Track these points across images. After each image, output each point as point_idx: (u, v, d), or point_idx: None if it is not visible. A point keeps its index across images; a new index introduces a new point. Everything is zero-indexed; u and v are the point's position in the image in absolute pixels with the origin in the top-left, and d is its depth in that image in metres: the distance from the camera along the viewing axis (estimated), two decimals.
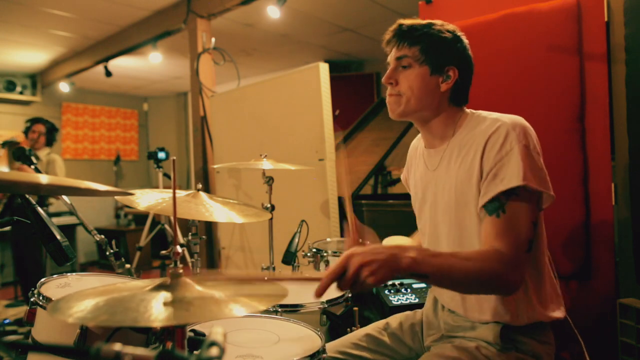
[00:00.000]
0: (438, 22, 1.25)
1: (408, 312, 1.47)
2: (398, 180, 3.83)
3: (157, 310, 0.67)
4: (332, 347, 1.37)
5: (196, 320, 0.73)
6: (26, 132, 3.96)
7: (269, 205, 2.12)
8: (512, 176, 1.06)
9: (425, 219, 1.33)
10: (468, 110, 1.27)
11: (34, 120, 3.98)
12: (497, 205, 1.08)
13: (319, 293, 0.93)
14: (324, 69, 2.81)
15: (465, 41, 1.27)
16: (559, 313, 1.20)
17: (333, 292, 1.66)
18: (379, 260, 0.93)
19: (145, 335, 1.16)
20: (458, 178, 1.19)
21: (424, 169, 1.33)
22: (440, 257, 1.02)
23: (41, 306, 1.22)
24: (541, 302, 1.18)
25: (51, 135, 4.00)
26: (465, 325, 1.26)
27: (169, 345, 0.76)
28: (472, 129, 1.20)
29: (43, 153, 3.97)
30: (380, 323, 1.45)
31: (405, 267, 0.96)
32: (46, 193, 2.48)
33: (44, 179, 0.85)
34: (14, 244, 4.09)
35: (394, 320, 1.45)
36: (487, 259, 1.03)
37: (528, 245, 1.06)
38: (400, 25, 1.24)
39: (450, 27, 1.25)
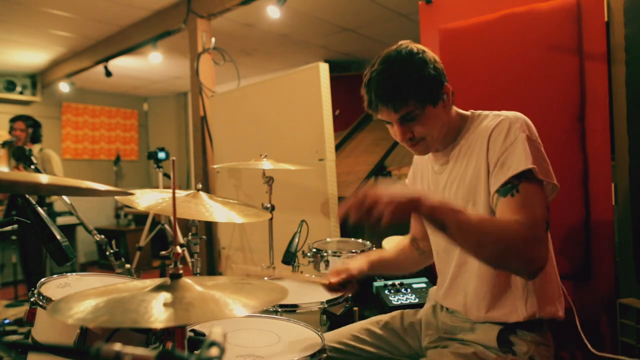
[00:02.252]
0: (403, 51, 1.17)
1: (409, 310, 1.48)
2: (398, 180, 3.83)
3: (157, 311, 0.67)
4: (332, 337, 1.38)
5: (196, 321, 0.73)
6: (10, 132, 3.95)
7: (269, 205, 2.12)
8: (520, 161, 1.08)
9: None
10: (469, 112, 1.28)
11: (14, 119, 3.96)
12: (509, 187, 1.09)
13: (342, 212, 0.98)
14: (324, 69, 2.81)
15: (430, 54, 1.21)
16: (557, 312, 1.20)
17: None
18: (400, 198, 0.94)
19: (146, 335, 1.16)
20: (466, 175, 1.20)
21: (431, 172, 1.35)
22: (463, 212, 1.01)
23: (41, 306, 1.22)
24: (539, 298, 1.17)
25: (34, 131, 3.96)
26: (463, 326, 1.26)
27: (169, 345, 0.76)
28: (476, 127, 1.22)
29: (34, 150, 3.96)
30: (381, 319, 1.45)
31: (426, 210, 0.97)
32: (46, 193, 2.48)
33: (44, 179, 0.85)
34: (20, 244, 4.10)
35: (395, 316, 1.46)
36: (512, 226, 1.03)
37: (545, 224, 1.07)
38: (382, 89, 1.16)
39: (415, 48, 1.18)
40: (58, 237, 1.25)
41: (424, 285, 2.00)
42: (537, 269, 1.05)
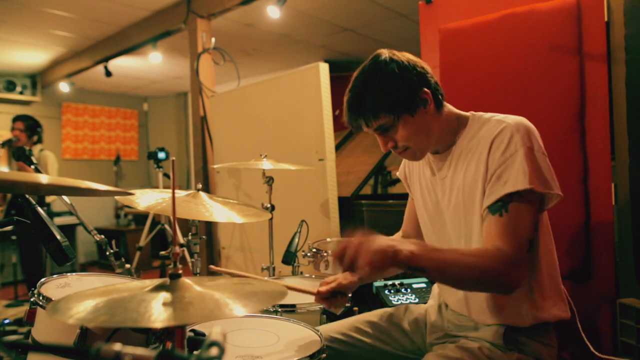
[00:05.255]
0: (371, 64, 1.16)
1: (411, 305, 1.47)
2: (398, 180, 3.81)
3: (157, 310, 0.67)
4: (332, 327, 1.37)
5: (196, 321, 0.73)
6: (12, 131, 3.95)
7: (269, 205, 2.12)
8: (518, 179, 1.06)
9: (433, 222, 1.33)
10: (469, 113, 1.26)
11: (15, 119, 3.96)
12: (500, 204, 1.08)
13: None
14: (324, 69, 2.81)
15: (404, 58, 1.17)
16: (563, 313, 1.20)
17: None
18: (377, 250, 0.97)
19: (145, 335, 1.16)
20: (466, 181, 1.18)
21: (430, 174, 1.33)
22: (440, 252, 1.04)
23: (41, 306, 1.22)
24: (545, 302, 1.18)
25: (33, 131, 3.94)
26: (469, 325, 1.26)
27: (169, 345, 0.76)
28: (477, 131, 1.20)
29: (34, 151, 3.97)
30: (385, 312, 1.44)
31: (403, 260, 0.98)
32: (46, 193, 2.48)
33: (44, 179, 0.85)
34: (19, 243, 4.10)
35: (399, 310, 1.45)
36: (489, 257, 1.04)
37: (528, 245, 1.07)
38: (353, 105, 1.17)
39: (385, 58, 1.16)
40: (58, 237, 1.25)
41: (424, 285, 2.00)
42: (511, 291, 1.08)
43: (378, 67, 1.15)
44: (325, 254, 2.08)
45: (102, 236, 1.62)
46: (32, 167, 1.68)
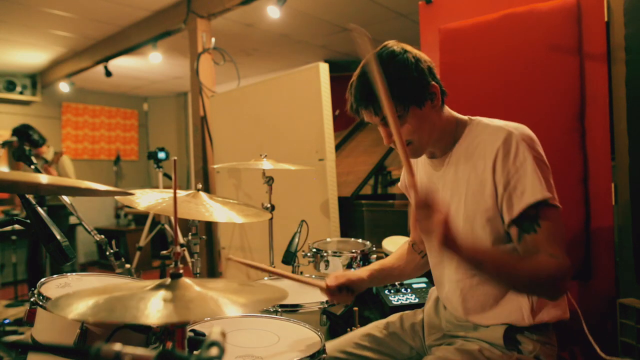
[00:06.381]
0: (384, 53, 1.15)
1: (408, 312, 1.47)
2: (398, 180, 3.82)
3: (156, 308, 0.67)
4: (333, 346, 1.37)
5: (195, 318, 0.73)
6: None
7: (269, 205, 2.12)
8: (535, 189, 1.06)
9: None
10: (467, 117, 1.25)
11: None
12: (529, 222, 1.08)
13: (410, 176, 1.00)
14: (324, 69, 2.81)
15: (414, 51, 1.17)
16: (562, 314, 1.20)
17: None
18: (454, 235, 0.96)
19: (146, 335, 1.16)
20: (469, 189, 1.17)
21: (426, 179, 1.32)
22: (498, 253, 1.09)
23: (41, 306, 1.21)
24: (544, 303, 1.17)
25: (26, 136, 3.88)
26: (467, 325, 1.25)
27: (169, 345, 0.76)
28: (476, 136, 1.18)
29: (49, 153, 4.02)
30: (381, 323, 1.45)
31: (466, 248, 0.99)
32: (46, 193, 2.48)
33: (44, 179, 0.85)
34: (30, 242, 4.13)
35: (394, 319, 1.45)
36: (546, 264, 1.04)
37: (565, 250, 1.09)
38: (361, 92, 1.15)
39: (397, 49, 1.15)
40: (58, 237, 1.24)
41: (424, 285, 2.00)
42: (559, 297, 1.14)
43: (392, 55, 1.14)
44: (325, 254, 2.08)
45: (102, 236, 1.62)
46: (32, 167, 1.68)
